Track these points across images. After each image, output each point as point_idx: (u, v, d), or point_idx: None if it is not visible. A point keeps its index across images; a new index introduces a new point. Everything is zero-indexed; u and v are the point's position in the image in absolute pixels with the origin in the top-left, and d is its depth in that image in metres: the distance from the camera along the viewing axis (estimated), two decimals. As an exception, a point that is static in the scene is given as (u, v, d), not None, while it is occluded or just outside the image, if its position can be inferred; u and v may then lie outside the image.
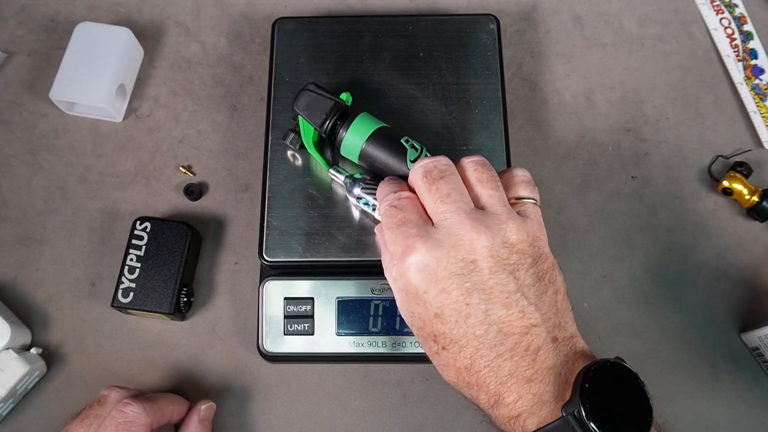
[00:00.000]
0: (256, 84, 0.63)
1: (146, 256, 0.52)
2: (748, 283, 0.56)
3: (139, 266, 0.52)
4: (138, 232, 0.53)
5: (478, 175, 0.40)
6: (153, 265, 0.52)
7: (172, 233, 0.53)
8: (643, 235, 0.58)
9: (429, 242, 0.37)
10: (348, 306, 0.51)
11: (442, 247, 0.37)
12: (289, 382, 0.53)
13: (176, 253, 0.53)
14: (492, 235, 0.37)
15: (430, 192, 0.39)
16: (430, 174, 0.40)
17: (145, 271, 0.52)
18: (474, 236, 0.37)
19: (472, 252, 0.37)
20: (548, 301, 0.38)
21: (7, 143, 0.61)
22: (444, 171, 0.40)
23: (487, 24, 0.57)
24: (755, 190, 0.56)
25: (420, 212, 0.40)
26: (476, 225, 0.37)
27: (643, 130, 0.61)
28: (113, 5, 0.66)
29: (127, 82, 0.61)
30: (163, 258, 0.52)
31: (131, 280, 0.52)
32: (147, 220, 0.54)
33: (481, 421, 0.52)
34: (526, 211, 0.41)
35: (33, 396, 0.53)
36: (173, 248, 0.53)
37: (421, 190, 0.40)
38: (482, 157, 0.42)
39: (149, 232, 0.53)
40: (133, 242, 0.53)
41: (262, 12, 0.66)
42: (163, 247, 0.53)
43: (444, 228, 0.38)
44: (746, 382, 0.53)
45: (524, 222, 0.39)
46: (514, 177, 0.42)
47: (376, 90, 0.54)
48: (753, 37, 0.65)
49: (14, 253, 0.57)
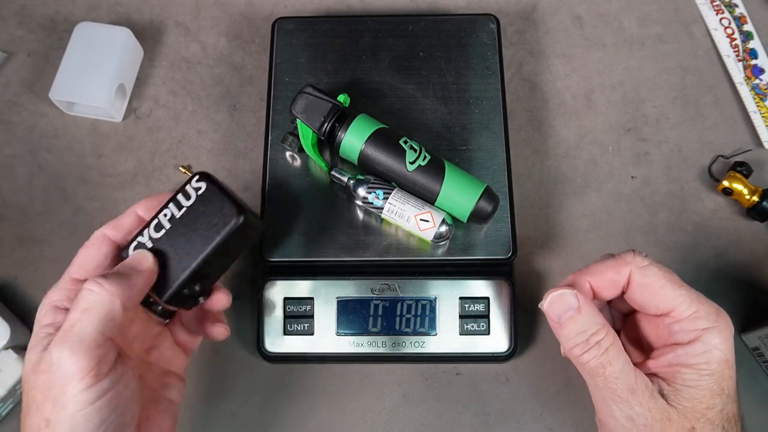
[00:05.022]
0: (256, 84, 0.63)
1: (181, 221, 0.40)
2: (748, 283, 0.56)
3: (167, 228, 0.40)
4: (189, 188, 0.41)
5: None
6: (181, 234, 0.40)
7: (220, 211, 0.40)
8: (643, 235, 0.57)
9: None
10: (348, 306, 0.51)
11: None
12: (289, 382, 0.53)
13: (209, 237, 0.40)
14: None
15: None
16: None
17: (170, 239, 0.40)
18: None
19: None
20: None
21: (7, 143, 0.61)
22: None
23: (487, 24, 0.57)
24: (755, 190, 0.56)
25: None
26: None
27: (643, 130, 0.61)
28: (113, 5, 0.66)
29: (127, 82, 0.61)
30: (197, 233, 0.40)
31: (153, 239, 0.40)
32: (208, 180, 0.41)
33: (481, 421, 0.52)
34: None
35: (33, 396, 0.53)
36: (211, 227, 0.40)
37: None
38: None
39: (200, 195, 0.40)
40: (178, 197, 0.41)
41: (262, 12, 0.66)
42: (202, 220, 0.40)
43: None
44: (746, 382, 0.53)
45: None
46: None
47: (376, 90, 0.54)
48: (753, 37, 0.65)
49: (14, 253, 0.57)
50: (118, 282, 0.35)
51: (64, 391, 0.32)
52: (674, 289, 0.37)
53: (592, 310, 0.37)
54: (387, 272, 0.51)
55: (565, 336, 0.37)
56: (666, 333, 0.38)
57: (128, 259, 0.39)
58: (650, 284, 0.37)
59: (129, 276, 0.37)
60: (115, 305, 0.35)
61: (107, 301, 0.35)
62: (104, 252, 0.40)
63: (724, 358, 0.36)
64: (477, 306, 0.51)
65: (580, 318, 0.37)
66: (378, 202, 0.49)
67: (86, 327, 0.34)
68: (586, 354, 0.36)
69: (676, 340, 0.37)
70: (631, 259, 0.38)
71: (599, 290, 0.39)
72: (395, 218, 0.49)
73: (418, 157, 0.49)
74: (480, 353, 0.51)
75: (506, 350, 0.50)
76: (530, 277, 0.56)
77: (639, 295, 0.38)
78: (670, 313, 0.37)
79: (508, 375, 0.54)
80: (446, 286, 0.51)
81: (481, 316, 0.50)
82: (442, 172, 0.49)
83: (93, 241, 0.40)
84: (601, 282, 0.38)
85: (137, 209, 0.42)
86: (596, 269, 0.39)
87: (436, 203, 0.49)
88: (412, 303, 0.51)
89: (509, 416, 0.52)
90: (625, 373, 0.36)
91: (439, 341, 0.50)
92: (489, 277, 0.51)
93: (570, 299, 0.37)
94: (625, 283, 0.38)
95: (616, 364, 0.36)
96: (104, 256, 0.40)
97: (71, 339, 0.33)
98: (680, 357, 0.36)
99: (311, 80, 0.54)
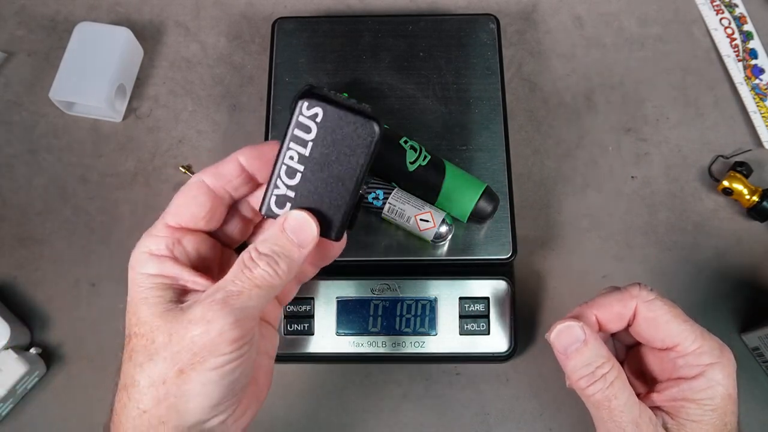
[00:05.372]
0: (256, 84, 0.63)
1: (314, 156, 0.36)
2: (748, 283, 0.56)
3: (302, 170, 0.36)
4: (303, 119, 0.35)
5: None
6: (322, 170, 0.36)
7: (354, 131, 0.35)
8: (643, 235, 0.57)
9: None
10: (348, 306, 0.51)
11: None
12: (289, 382, 0.53)
13: (355, 161, 0.36)
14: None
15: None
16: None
17: (311, 180, 0.36)
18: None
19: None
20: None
21: (7, 143, 0.61)
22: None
23: (487, 24, 0.57)
24: (755, 190, 0.56)
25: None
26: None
27: (643, 130, 0.61)
28: (113, 5, 0.66)
29: (127, 82, 0.61)
30: (339, 161, 0.36)
31: (292, 187, 0.36)
32: (318, 100, 0.35)
33: (481, 421, 0.52)
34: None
35: (32, 396, 0.53)
36: (353, 150, 0.36)
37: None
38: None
39: (321, 123, 0.35)
40: (297, 133, 0.36)
41: (262, 12, 0.66)
42: (339, 147, 0.35)
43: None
44: (746, 382, 0.53)
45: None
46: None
47: (376, 90, 0.54)
48: (753, 37, 0.65)
49: (14, 253, 0.57)
50: (291, 268, 0.35)
51: (211, 350, 0.32)
52: (679, 323, 0.37)
53: (598, 343, 0.37)
54: (387, 272, 0.51)
55: (571, 368, 0.38)
56: (670, 367, 0.38)
57: (295, 236, 0.35)
58: (656, 318, 0.38)
59: (296, 259, 0.35)
60: (282, 286, 0.35)
61: (278, 285, 0.34)
62: (201, 201, 0.36)
63: (728, 393, 0.36)
64: (477, 306, 0.51)
65: (586, 350, 0.37)
66: (378, 202, 0.49)
67: (253, 301, 0.33)
68: (592, 387, 0.37)
69: (680, 375, 0.37)
70: (637, 292, 0.38)
71: (605, 323, 0.39)
72: (395, 218, 0.49)
73: (418, 157, 0.49)
74: (480, 353, 0.51)
75: (506, 350, 0.50)
76: (530, 277, 0.56)
77: (644, 329, 0.38)
78: (675, 347, 0.37)
79: (508, 375, 0.54)
80: (446, 286, 0.51)
81: (481, 316, 0.50)
82: (442, 172, 0.49)
83: (190, 187, 0.36)
84: (607, 315, 0.39)
85: (239, 157, 0.37)
86: (602, 302, 0.39)
87: (436, 203, 0.49)
88: (412, 303, 0.51)
89: (509, 416, 0.52)
90: (629, 407, 0.36)
91: (439, 341, 0.50)
92: (489, 277, 0.51)
93: (576, 331, 0.37)
94: (631, 317, 0.39)
95: (621, 397, 0.36)
96: (200, 206, 0.36)
97: (237, 306, 0.33)
98: (684, 392, 0.37)
99: (311, 80, 0.54)
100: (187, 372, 0.32)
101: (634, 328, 0.39)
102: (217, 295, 0.33)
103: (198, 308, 0.33)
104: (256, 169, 0.37)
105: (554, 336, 0.38)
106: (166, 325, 0.33)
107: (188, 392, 0.32)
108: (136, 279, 0.35)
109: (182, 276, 0.35)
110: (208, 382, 0.32)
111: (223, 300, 0.33)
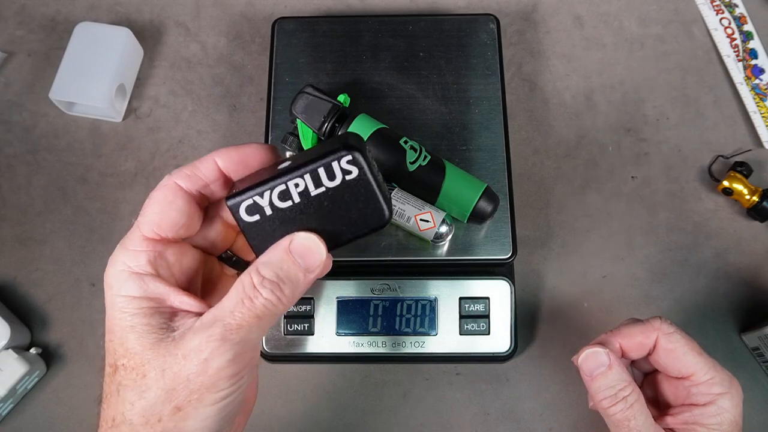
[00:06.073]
0: (256, 84, 0.63)
1: (316, 200, 0.33)
2: (748, 283, 0.56)
3: (296, 202, 0.33)
4: (336, 166, 0.32)
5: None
6: (314, 215, 0.33)
7: (367, 207, 0.34)
8: (643, 235, 0.57)
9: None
10: (348, 306, 0.51)
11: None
12: (289, 382, 0.53)
13: (348, 229, 0.34)
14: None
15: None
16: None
17: (298, 216, 0.33)
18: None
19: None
20: None
21: (7, 143, 0.61)
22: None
23: (487, 24, 0.57)
24: (755, 190, 0.56)
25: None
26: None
27: (643, 130, 0.61)
28: (113, 5, 0.66)
29: (127, 82, 0.61)
30: (335, 220, 0.34)
31: (275, 207, 0.33)
32: (360, 167, 0.32)
33: (481, 421, 0.52)
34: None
35: (32, 396, 0.53)
36: (354, 220, 0.34)
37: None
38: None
39: (347, 182, 0.33)
40: (319, 171, 0.32)
41: (262, 12, 0.66)
42: (344, 210, 0.33)
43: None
44: (746, 382, 0.53)
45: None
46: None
47: (376, 90, 0.54)
48: (753, 37, 0.65)
49: (14, 253, 0.57)
50: (296, 294, 0.33)
51: (209, 387, 0.30)
52: (695, 356, 0.41)
53: (621, 368, 0.41)
54: (387, 272, 0.51)
55: (595, 389, 0.41)
56: (684, 394, 0.42)
57: (301, 259, 0.33)
58: (675, 350, 0.41)
59: (301, 284, 0.33)
60: (284, 312, 0.33)
61: (281, 312, 0.32)
62: (179, 206, 0.33)
63: (734, 420, 0.41)
64: (477, 306, 0.51)
65: (610, 374, 0.41)
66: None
67: (254, 333, 0.31)
68: (614, 407, 0.40)
69: (693, 401, 0.41)
70: (659, 325, 0.42)
71: (628, 351, 0.43)
72: (395, 218, 0.49)
73: (419, 157, 0.49)
74: (480, 353, 0.51)
75: (506, 350, 0.50)
76: (530, 277, 0.56)
77: (663, 359, 0.42)
78: (690, 376, 0.41)
79: (508, 375, 0.54)
80: (446, 286, 0.51)
81: (482, 316, 0.50)
82: (442, 172, 0.49)
83: (165, 192, 0.33)
84: (630, 344, 0.42)
85: (217, 158, 0.34)
86: (627, 332, 0.43)
87: (437, 203, 0.49)
88: (412, 303, 0.51)
89: (509, 416, 0.52)
90: (646, 428, 0.40)
91: (439, 341, 0.50)
92: (489, 277, 0.51)
93: (602, 357, 0.41)
94: (652, 347, 0.42)
95: (639, 418, 0.40)
96: (179, 212, 0.33)
97: (237, 341, 0.30)
98: (696, 416, 0.41)
99: (311, 80, 0.54)
100: (184, 409, 0.30)
101: (653, 357, 0.43)
102: (215, 330, 0.30)
103: (193, 340, 0.30)
104: (235, 173, 0.34)
105: (582, 360, 0.42)
106: (158, 359, 0.30)
107: (186, 428, 0.31)
108: (116, 303, 0.32)
109: (168, 297, 0.32)
110: (207, 417, 0.31)
111: (222, 336, 0.30)
